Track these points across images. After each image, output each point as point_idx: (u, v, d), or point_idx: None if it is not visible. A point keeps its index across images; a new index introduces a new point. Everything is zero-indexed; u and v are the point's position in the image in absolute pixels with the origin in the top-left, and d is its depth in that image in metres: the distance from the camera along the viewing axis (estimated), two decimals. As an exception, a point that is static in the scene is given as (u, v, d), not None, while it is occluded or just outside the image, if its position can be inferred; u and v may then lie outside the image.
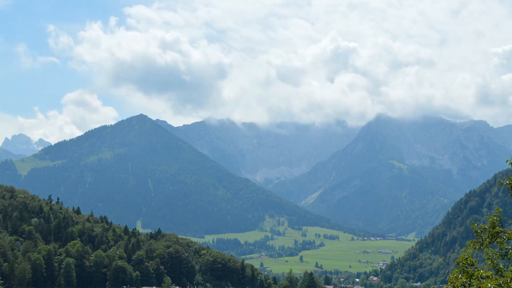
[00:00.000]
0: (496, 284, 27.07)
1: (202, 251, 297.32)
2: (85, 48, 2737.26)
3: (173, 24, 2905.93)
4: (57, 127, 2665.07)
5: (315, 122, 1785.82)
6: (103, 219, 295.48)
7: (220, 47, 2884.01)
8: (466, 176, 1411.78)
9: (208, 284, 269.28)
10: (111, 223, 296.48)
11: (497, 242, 29.35)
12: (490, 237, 29.27)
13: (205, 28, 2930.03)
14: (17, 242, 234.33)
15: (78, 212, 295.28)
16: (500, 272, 29.01)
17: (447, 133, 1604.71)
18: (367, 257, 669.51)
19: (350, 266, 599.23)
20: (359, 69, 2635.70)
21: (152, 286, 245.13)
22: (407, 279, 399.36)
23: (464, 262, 29.48)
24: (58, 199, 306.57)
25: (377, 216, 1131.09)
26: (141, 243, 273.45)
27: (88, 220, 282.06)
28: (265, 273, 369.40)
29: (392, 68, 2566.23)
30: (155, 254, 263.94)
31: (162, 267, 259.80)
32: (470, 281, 28.72)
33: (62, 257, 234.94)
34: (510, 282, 27.00)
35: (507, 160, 29.40)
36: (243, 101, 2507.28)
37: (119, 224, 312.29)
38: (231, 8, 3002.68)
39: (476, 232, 29.84)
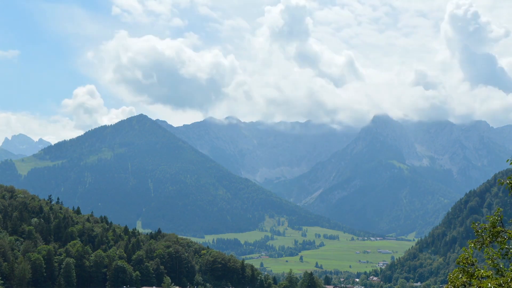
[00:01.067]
0: (496, 284, 27.07)
1: (202, 251, 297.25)
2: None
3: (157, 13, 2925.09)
4: (55, 126, 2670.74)
5: (315, 122, 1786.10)
6: (103, 219, 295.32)
7: (215, 41, 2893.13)
8: (466, 176, 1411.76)
9: (208, 284, 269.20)
10: (111, 223, 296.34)
11: (498, 242, 29.36)
12: (490, 236, 29.28)
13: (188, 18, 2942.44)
14: (17, 242, 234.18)
15: (78, 212, 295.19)
16: (500, 272, 29.01)
17: (447, 133, 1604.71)
18: (367, 257, 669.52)
19: (350, 266, 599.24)
20: (358, 69, 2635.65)
21: (152, 286, 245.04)
22: (407, 279, 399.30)
23: (465, 261, 29.48)
24: (58, 199, 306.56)
25: (377, 216, 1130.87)
26: (141, 243, 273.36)
27: (88, 220, 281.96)
28: (265, 273, 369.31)
29: (391, 67, 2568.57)
30: (155, 254, 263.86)
31: (162, 267, 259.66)
32: (470, 280, 28.72)
33: (62, 257, 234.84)
34: (510, 282, 27.00)
35: (507, 160, 29.41)
36: (243, 101, 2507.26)
37: (119, 224, 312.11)
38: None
39: (477, 231, 29.85)
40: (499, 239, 29.15)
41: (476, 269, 28.98)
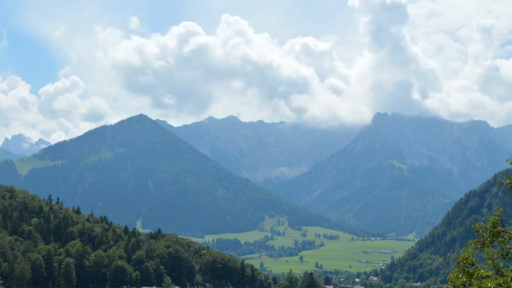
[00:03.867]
0: (496, 284, 27.04)
1: (202, 251, 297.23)
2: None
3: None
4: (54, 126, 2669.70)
5: (315, 122, 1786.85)
6: (103, 219, 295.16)
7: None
8: (466, 176, 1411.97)
9: (208, 284, 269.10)
10: (111, 223, 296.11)
11: (498, 242, 29.33)
12: (491, 236, 29.24)
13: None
14: (17, 242, 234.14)
15: (78, 212, 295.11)
16: (500, 272, 28.98)
17: (447, 133, 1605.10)
18: (367, 257, 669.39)
19: (350, 266, 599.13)
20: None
21: (152, 286, 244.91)
22: (407, 279, 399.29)
23: (465, 261, 29.46)
24: (58, 199, 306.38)
25: (377, 216, 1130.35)
26: (141, 243, 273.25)
27: (88, 220, 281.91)
28: (265, 273, 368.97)
29: (392, 68, 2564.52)
30: (155, 254, 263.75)
31: (162, 267, 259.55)
32: (470, 280, 28.70)
33: (62, 257, 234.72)
34: (510, 282, 26.97)
35: (507, 160, 29.37)
36: (243, 101, 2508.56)
37: (119, 224, 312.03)
38: None
39: (477, 231, 29.81)
40: (499, 239, 29.13)
41: (476, 269, 28.97)
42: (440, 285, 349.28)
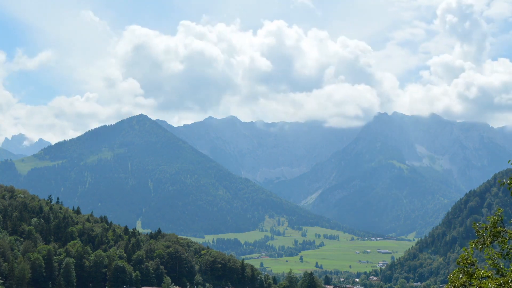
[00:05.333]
0: (496, 284, 27.02)
1: (202, 251, 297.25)
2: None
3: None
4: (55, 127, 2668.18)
5: (315, 122, 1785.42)
6: (103, 219, 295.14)
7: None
8: (466, 176, 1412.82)
9: (208, 284, 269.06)
10: (111, 223, 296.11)
11: (498, 242, 29.30)
12: (491, 236, 29.22)
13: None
14: (17, 242, 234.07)
15: (78, 212, 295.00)
16: (500, 272, 28.96)
17: (447, 133, 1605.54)
18: (367, 257, 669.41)
19: (350, 266, 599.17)
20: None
21: (152, 286, 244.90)
22: (407, 279, 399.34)
23: (465, 262, 29.44)
24: (58, 199, 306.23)
25: (377, 216, 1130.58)
26: (141, 243, 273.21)
27: (88, 220, 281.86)
28: (265, 273, 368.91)
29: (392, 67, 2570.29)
30: (155, 254, 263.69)
31: (162, 267, 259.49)
32: (470, 281, 28.67)
33: (62, 257, 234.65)
34: (511, 282, 26.94)
35: (509, 161, 29.35)
36: (243, 100, 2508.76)
37: (119, 224, 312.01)
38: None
39: (478, 231, 29.78)
40: (499, 239, 29.10)
41: (476, 269, 28.95)
42: (440, 285, 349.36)
